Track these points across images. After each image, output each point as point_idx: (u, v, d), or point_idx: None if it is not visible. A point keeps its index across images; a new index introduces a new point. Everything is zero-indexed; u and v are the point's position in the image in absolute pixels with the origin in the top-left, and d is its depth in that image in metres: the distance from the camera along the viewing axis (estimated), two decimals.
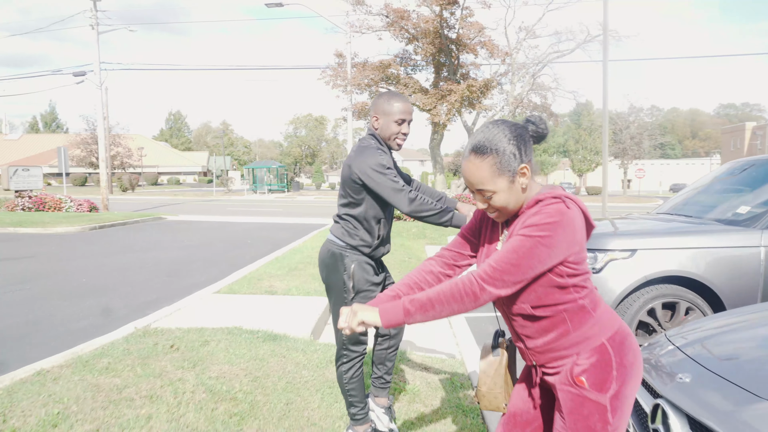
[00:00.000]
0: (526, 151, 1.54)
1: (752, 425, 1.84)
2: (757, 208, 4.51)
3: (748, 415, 1.89)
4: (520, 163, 1.52)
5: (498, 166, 1.51)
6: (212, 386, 3.10)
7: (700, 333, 2.63)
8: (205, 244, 11.84)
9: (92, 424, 2.55)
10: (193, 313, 5.16)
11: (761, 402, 1.91)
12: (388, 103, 2.53)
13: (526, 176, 1.53)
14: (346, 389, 2.64)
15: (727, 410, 1.97)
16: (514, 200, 1.54)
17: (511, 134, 1.53)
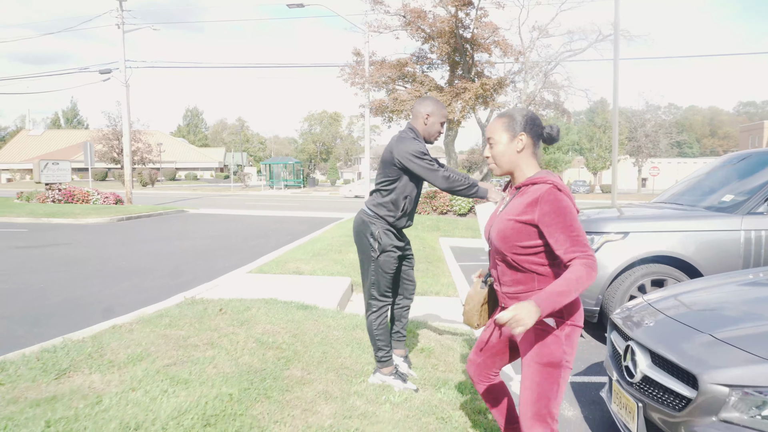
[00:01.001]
0: (531, 129, 2.12)
1: (691, 351, 2.38)
2: (739, 196, 5.00)
3: (690, 345, 2.43)
4: (521, 131, 2.10)
5: (506, 125, 2.14)
6: (260, 338, 3.69)
7: (670, 293, 3.16)
8: (229, 234, 12.51)
9: (169, 360, 3.15)
10: (230, 287, 5.76)
11: (701, 335, 2.45)
12: (438, 107, 3.19)
13: (522, 142, 2.11)
14: (375, 335, 3.20)
15: (674, 342, 2.51)
16: (507, 156, 2.13)
17: (526, 114, 2.15)
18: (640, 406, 2.58)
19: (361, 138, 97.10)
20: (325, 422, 2.58)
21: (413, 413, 2.85)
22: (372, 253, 3.14)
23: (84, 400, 2.53)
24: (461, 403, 3.09)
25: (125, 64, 23.55)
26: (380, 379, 3.18)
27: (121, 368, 2.99)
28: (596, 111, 59.33)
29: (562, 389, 2.08)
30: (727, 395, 2.17)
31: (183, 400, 2.57)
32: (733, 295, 2.98)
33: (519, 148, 2.10)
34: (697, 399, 2.25)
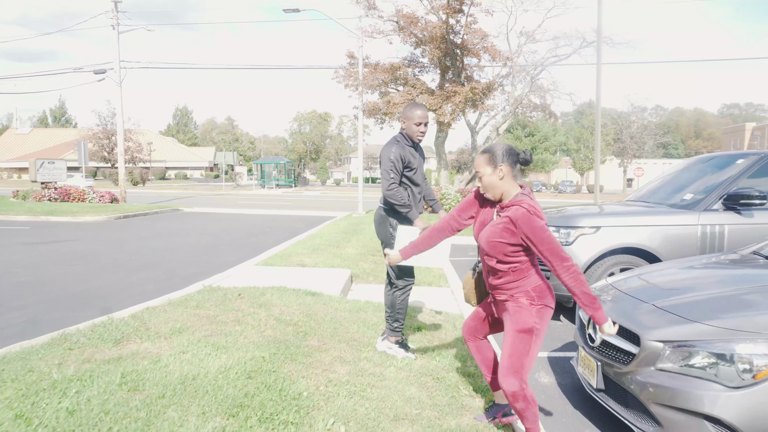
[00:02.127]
0: (507, 159, 2.71)
1: (637, 317, 2.99)
2: (698, 195, 5.65)
3: (637, 312, 3.04)
4: (500, 162, 2.69)
5: (488, 160, 2.74)
6: (278, 317, 4.25)
7: (627, 276, 3.78)
8: (228, 232, 13.00)
9: (206, 332, 3.70)
10: (242, 278, 6.31)
11: (645, 304, 3.07)
12: (411, 111, 3.75)
13: (502, 172, 2.69)
14: (397, 308, 3.78)
15: (626, 311, 3.12)
16: (493, 183, 2.71)
17: (502, 148, 2.78)
18: (599, 364, 3.19)
19: (350, 138, 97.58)
20: (342, 378, 3.16)
21: (413, 374, 3.44)
22: (392, 241, 3.72)
23: (145, 359, 3.08)
24: (453, 368, 3.67)
25: (120, 64, 23.87)
26: (387, 345, 3.76)
27: (168, 338, 3.53)
28: (583, 112, 60.33)
29: (533, 350, 2.68)
30: (662, 349, 2.78)
31: (226, 360, 3.13)
32: (674, 275, 3.61)
33: (501, 176, 2.68)
34: (640, 354, 2.85)
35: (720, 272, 3.61)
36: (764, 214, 5.38)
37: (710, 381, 2.61)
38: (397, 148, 3.68)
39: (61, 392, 2.56)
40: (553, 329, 5.45)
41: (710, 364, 2.63)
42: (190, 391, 2.67)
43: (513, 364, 2.65)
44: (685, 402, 2.63)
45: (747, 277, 3.37)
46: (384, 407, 2.85)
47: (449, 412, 2.97)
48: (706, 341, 2.67)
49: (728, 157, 6.19)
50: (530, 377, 4.09)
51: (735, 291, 3.02)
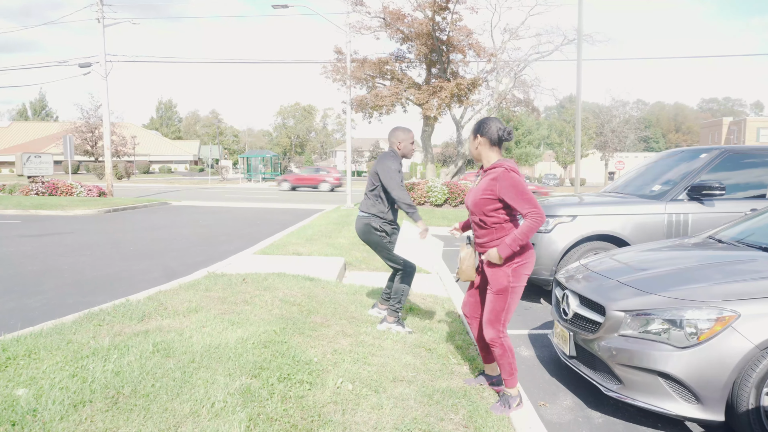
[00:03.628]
0: (482, 132, 3.16)
1: (603, 291, 3.44)
2: (665, 186, 6.14)
3: (603, 287, 3.49)
4: (476, 134, 3.22)
5: (472, 132, 3.31)
6: (283, 298, 4.64)
7: (598, 258, 4.24)
8: (220, 224, 13.30)
9: (219, 311, 4.08)
10: (242, 265, 6.67)
11: (610, 280, 3.52)
12: (407, 133, 4.35)
13: (478, 142, 3.19)
14: (401, 292, 4.23)
15: (594, 287, 3.57)
16: (474, 151, 3.24)
17: (479, 122, 3.28)
18: (571, 334, 3.64)
19: (335, 131, 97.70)
20: (345, 348, 3.57)
21: (408, 346, 3.86)
22: (384, 240, 4.18)
23: (171, 333, 3.45)
24: (443, 341, 4.11)
25: (105, 58, 23.84)
26: (386, 326, 4.19)
27: (186, 315, 3.90)
28: (566, 107, 61.25)
29: (510, 306, 3.13)
30: (623, 318, 3.23)
31: (242, 333, 3.51)
32: (637, 256, 4.08)
33: (476, 146, 3.21)
34: (605, 323, 3.30)
35: (677, 253, 4.09)
36: (724, 203, 5.89)
37: (663, 343, 3.06)
38: (394, 160, 4.23)
39: (103, 358, 2.93)
40: (534, 310, 5.91)
41: (664, 329, 3.08)
42: (215, 357, 3.06)
43: (491, 319, 3.14)
44: (643, 362, 3.09)
45: (699, 256, 3.84)
46: (384, 371, 3.26)
47: (440, 376, 3.39)
48: (660, 309, 3.12)
49: (693, 151, 6.69)
50: None
51: (686, 267, 3.48)
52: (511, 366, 3.13)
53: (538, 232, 6.00)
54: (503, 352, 3.11)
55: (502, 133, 3.16)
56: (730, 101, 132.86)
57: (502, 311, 3.10)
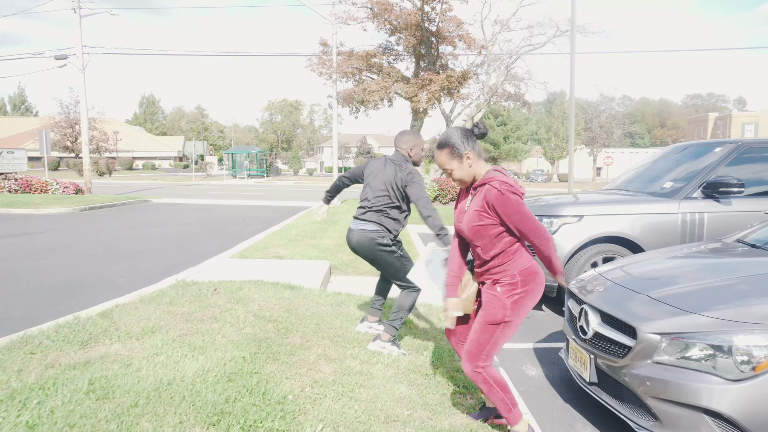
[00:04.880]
0: (468, 143, 2.55)
1: (632, 309, 2.91)
2: (678, 183, 5.65)
3: (632, 303, 2.96)
4: (465, 150, 2.56)
5: (451, 154, 2.60)
6: (258, 313, 4.07)
7: (616, 265, 3.72)
8: (201, 222, 12.64)
9: (181, 331, 3.49)
10: (217, 271, 6.07)
11: (640, 295, 2.99)
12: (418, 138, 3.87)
13: (470, 159, 2.55)
14: (406, 308, 3.68)
15: (619, 303, 3.04)
16: (465, 174, 2.59)
17: (460, 134, 2.61)
18: (592, 357, 3.11)
19: (322, 127, 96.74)
20: (328, 378, 3.00)
21: (402, 371, 3.31)
22: (395, 255, 3.69)
23: (116, 363, 2.86)
24: (441, 363, 3.56)
25: (83, 50, 22.93)
26: (380, 345, 3.62)
27: (139, 339, 3.31)
28: (554, 102, 61.03)
29: (499, 340, 2.58)
30: (659, 342, 2.71)
31: (203, 362, 2.94)
32: (662, 265, 3.57)
33: (469, 164, 2.57)
34: (636, 346, 2.78)
35: (708, 261, 3.58)
36: (741, 201, 5.42)
37: (708, 374, 2.55)
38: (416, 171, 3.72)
39: (21, 403, 2.34)
40: (537, 319, 5.41)
41: (708, 356, 2.56)
42: (165, 398, 2.48)
43: (470, 351, 2.60)
44: (683, 395, 2.57)
45: (736, 266, 3.34)
46: (374, 409, 2.71)
47: (441, 411, 2.85)
48: (703, 333, 2.60)
49: (705, 145, 6.22)
50: (517, 369, 4.03)
51: (728, 281, 2.97)
52: (504, 401, 2.59)
53: None
54: (489, 387, 2.57)
55: (482, 129, 2.59)
56: (714, 97, 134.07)
57: (487, 345, 2.56)
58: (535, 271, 2.57)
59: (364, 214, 3.77)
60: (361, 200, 3.85)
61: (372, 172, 3.86)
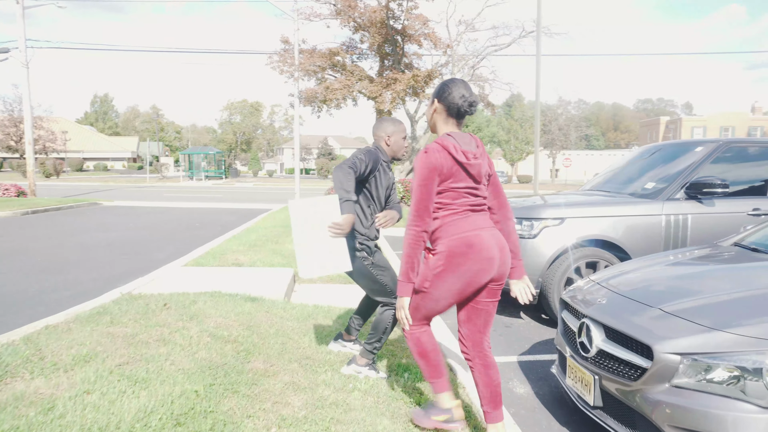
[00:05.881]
0: (440, 97, 2.44)
1: (645, 325, 2.58)
2: (660, 184, 5.44)
3: (643, 319, 2.63)
4: (434, 98, 2.49)
5: (434, 95, 2.53)
6: (214, 332, 3.55)
7: (614, 273, 3.40)
8: (153, 227, 11.86)
9: (121, 359, 2.96)
10: (169, 282, 5.48)
11: (651, 309, 2.66)
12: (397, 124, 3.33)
13: (436, 110, 2.47)
14: (385, 329, 3.17)
15: (628, 317, 2.70)
16: (431, 121, 2.53)
17: (440, 84, 2.49)
18: (596, 378, 2.76)
19: (283, 128, 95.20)
20: (298, 413, 2.54)
21: (382, 399, 2.88)
22: (366, 263, 3.15)
23: (34, 407, 2.32)
24: (424, 384, 3.15)
25: (26, 43, 21.50)
26: (355, 369, 3.16)
27: (68, 371, 2.76)
28: (512, 105, 61.87)
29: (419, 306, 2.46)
30: (678, 363, 2.38)
31: (146, 401, 2.42)
32: (666, 273, 3.26)
33: (431, 112, 2.50)
34: (652, 368, 2.44)
35: (715, 269, 3.30)
36: (724, 202, 5.25)
37: (736, 399, 2.23)
38: (373, 154, 3.19)
39: None
40: (517, 328, 5.08)
41: (735, 379, 2.25)
42: None
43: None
44: (706, 424, 2.25)
45: (749, 274, 3.06)
46: None
47: None
48: (729, 353, 2.29)
49: (684, 145, 6.06)
50: (504, 387, 3.65)
51: (747, 292, 2.67)
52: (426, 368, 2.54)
53: (522, 238, 5.16)
54: (413, 350, 2.56)
55: (463, 102, 2.41)
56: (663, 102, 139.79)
57: (414, 308, 2.47)
58: (463, 244, 2.33)
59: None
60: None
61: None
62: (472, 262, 2.32)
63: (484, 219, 2.43)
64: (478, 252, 2.31)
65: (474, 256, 2.31)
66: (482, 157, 2.43)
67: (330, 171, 46.47)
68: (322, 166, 47.92)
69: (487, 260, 2.32)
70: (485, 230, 2.37)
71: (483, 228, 2.37)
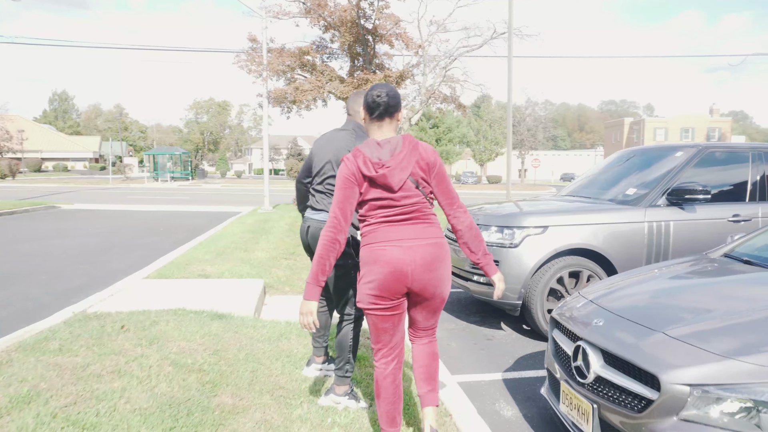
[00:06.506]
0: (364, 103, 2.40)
1: (649, 351, 2.39)
2: (641, 190, 5.33)
3: (646, 344, 2.44)
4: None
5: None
6: (176, 360, 3.22)
7: (606, 289, 3.21)
8: (114, 232, 11.30)
9: (68, 399, 2.61)
10: (128, 297, 5.09)
11: (654, 333, 2.47)
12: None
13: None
14: (350, 346, 2.92)
15: (628, 341, 2.51)
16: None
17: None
18: (595, 407, 2.56)
19: (251, 128, 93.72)
20: None
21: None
22: (350, 263, 2.90)
23: None
24: (413, 415, 2.90)
25: None
26: (333, 399, 2.88)
27: (3, 416, 2.40)
28: (480, 105, 62.35)
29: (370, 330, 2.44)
30: (687, 394, 2.19)
31: None
32: (665, 290, 3.09)
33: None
34: (659, 399, 2.25)
35: (715, 285, 3.13)
36: (705, 208, 5.17)
37: None
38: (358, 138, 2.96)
39: None
40: (498, 341, 4.90)
41: (752, 412, 2.07)
42: None
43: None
44: None
45: (754, 292, 2.90)
46: None
47: None
48: (745, 384, 2.11)
49: (662, 150, 5.98)
50: (490, 410, 3.44)
51: (757, 314, 2.51)
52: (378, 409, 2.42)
53: (503, 247, 4.97)
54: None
55: (371, 99, 2.37)
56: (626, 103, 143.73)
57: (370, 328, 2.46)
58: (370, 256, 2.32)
59: (317, 201, 3.06)
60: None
61: (320, 149, 3.10)
62: (377, 274, 2.29)
63: (401, 231, 2.31)
64: (382, 265, 2.28)
65: (378, 269, 2.29)
66: (397, 165, 2.27)
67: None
68: (292, 166, 47.29)
69: (391, 274, 2.27)
70: (395, 243, 2.29)
71: (392, 240, 2.29)
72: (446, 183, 2.40)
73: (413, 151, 2.30)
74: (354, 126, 3.08)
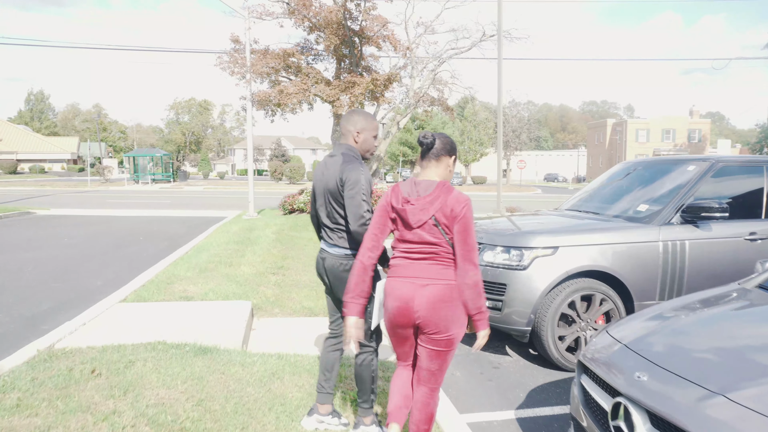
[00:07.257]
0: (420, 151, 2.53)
1: (707, 419, 2.04)
2: (653, 206, 5.03)
3: (703, 408, 2.10)
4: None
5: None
6: (154, 417, 2.81)
7: (642, 330, 2.87)
8: (91, 242, 10.75)
9: None
10: (102, 327, 4.64)
11: (712, 395, 2.13)
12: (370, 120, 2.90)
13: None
14: (369, 377, 2.83)
15: (683, 404, 2.17)
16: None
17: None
18: None
19: (234, 128, 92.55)
20: None
21: None
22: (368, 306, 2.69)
23: None
24: None
25: None
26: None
27: None
28: (464, 106, 62.27)
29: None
30: None
31: None
32: (711, 333, 2.76)
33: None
34: None
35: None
36: (720, 226, 4.90)
37: None
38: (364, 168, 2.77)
39: None
40: (506, 370, 4.56)
41: None
42: None
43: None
44: None
45: None
46: None
47: None
48: None
49: (671, 163, 5.68)
50: None
51: None
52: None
53: (512, 269, 4.63)
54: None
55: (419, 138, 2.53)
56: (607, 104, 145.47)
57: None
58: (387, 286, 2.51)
59: (329, 237, 2.93)
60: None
61: (318, 181, 2.95)
62: (389, 307, 2.47)
63: (416, 268, 2.41)
64: (393, 299, 2.44)
65: (390, 302, 2.45)
66: (420, 205, 2.38)
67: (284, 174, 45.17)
68: (276, 168, 46.63)
69: (395, 308, 2.43)
70: (408, 279, 2.41)
71: (407, 277, 2.42)
72: (466, 236, 2.39)
73: (441, 197, 2.38)
74: (344, 150, 2.89)
